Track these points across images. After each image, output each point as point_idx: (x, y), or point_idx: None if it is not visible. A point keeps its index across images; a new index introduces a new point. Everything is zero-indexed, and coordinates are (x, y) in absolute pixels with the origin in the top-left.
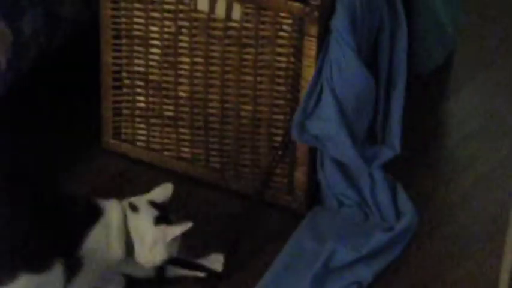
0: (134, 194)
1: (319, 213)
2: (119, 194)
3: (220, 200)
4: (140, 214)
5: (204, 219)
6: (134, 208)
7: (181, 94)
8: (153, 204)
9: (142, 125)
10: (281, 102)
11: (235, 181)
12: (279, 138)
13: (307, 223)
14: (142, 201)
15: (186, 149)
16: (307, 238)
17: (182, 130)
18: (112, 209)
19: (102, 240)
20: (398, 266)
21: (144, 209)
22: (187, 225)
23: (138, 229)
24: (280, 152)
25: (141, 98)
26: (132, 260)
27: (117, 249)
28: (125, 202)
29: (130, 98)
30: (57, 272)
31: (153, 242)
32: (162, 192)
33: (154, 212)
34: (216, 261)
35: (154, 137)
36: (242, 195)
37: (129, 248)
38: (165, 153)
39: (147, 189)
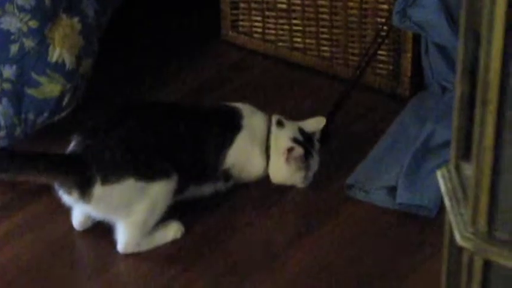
0: (251, 82)
1: (422, 98)
2: (237, 83)
3: (330, 86)
4: (283, 130)
5: (314, 103)
6: (280, 124)
7: None
8: (301, 131)
9: (258, 18)
10: None
11: (344, 69)
12: (384, 27)
13: (411, 107)
14: (291, 123)
15: (299, 40)
16: (410, 121)
17: (295, 21)
18: (258, 120)
19: (246, 150)
20: None
21: (289, 127)
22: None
23: (277, 143)
24: (380, 38)
25: None
26: None
27: (259, 161)
28: (274, 117)
29: None
30: (165, 183)
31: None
32: (314, 123)
33: (298, 135)
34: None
35: (269, 28)
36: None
37: (267, 161)
38: (280, 44)
39: (263, 78)
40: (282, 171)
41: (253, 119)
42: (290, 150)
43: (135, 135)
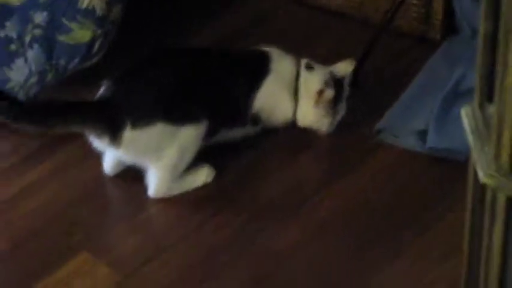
0: (279, 28)
1: (454, 42)
2: (265, 29)
3: (360, 31)
4: (313, 74)
5: (343, 48)
6: (309, 67)
7: None
8: (331, 74)
9: None
10: None
11: (374, 13)
12: None
13: (442, 51)
14: (322, 67)
15: None
16: (441, 64)
17: None
18: (287, 64)
19: (274, 94)
20: None
21: (319, 71)
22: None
23: (306, 86)
24: None
25: None
26: None
27: (288, 105)
28: (303, 60)
29: None
30: (194, 127)
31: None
32: (344, 66)
33: (328, 78)
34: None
35: None
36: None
37: (296, 104)
38: None
39: (291, 24)
40: (310, 114)
41: (281, 63)
42: (320, 92)
43: (165, 79)
